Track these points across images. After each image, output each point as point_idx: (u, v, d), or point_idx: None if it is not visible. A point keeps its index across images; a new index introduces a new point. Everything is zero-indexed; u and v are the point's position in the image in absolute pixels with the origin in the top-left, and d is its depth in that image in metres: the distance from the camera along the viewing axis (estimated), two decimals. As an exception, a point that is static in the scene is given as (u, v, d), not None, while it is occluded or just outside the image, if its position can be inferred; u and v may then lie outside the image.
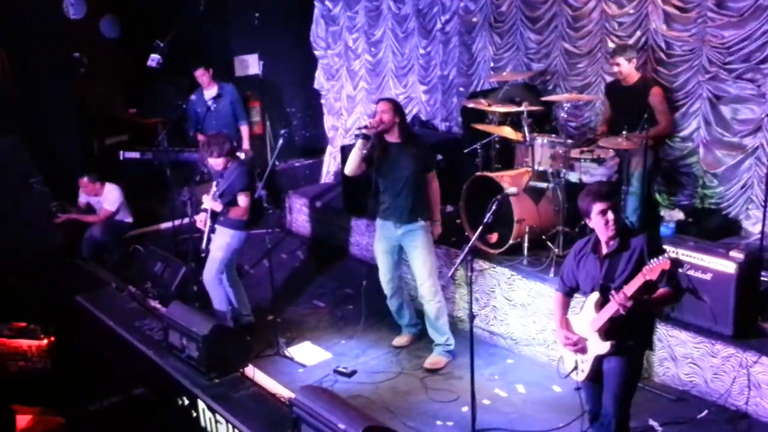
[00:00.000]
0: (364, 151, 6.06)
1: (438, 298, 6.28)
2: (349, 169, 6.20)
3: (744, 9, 6.19)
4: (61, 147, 9.42)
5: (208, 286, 6.68)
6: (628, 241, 4.46)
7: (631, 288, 4.29)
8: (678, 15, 6.66)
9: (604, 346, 4.52)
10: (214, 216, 6.49)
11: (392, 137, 6.14)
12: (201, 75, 8.64)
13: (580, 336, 4.65)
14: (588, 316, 4.59)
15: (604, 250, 4.53)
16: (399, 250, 6.38)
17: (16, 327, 6.88)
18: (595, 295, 4.54)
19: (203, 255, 6.64)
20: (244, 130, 8.76)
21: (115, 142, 10.29)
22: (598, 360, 4.61)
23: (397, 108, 6.15)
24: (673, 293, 4.45)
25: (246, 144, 8.76)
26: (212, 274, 6.61)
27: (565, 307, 4.84)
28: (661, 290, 4.40)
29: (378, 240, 6.44)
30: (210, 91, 8.72)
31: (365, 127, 6.06)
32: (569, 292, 4.81)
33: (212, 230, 6.54)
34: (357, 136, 6.09)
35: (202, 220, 6.51)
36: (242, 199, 6.47)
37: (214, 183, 6.54)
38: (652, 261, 4.22)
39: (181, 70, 9.75)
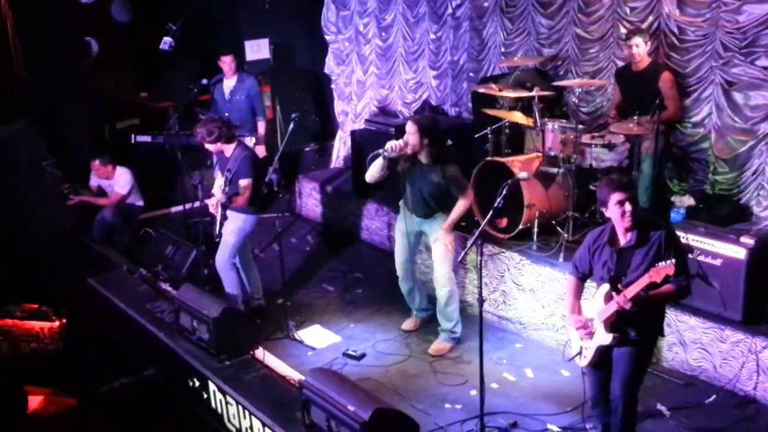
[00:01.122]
0: (386, 166, 6.07)
1: (450, 285, 6.29)
2: (370, 179, 6.24)
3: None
4: (72, 131, 9.46)
5: (220, 270, 6.70)
6: (647, 234, 4.42)
7: (632, 290, 4.30)
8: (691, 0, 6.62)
9: (607, 338, 4.53)
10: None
11: (422, 156, 6.07)
12: (230, 62, 8.52)
13: (588, 321, 4.65)
14: (597, 305, 4.59)
15: (622, 242, 4.51)
16: (418, 236, 6.40)
17: (28, 309, 6.93)
18: (606, 287, 4.53)
19: (217, 240, 6.66)
20: (261, 125, 8.67)
21: (127, 126, 10.33)
22: (601, 349, 4.62)
23: (425, 130, 5.96)
24: (677, 291, 4.43)
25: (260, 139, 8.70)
26: (224, 258, 6.64)
27: (578, 292, 4.83)
28: (665, 287, 4.38)
29: (399, 220, 6.45)
30: (230, 81, 8.63)
31: (387, 150, 5.97)
32: (583, 277, 4.81)
33: (224, 217, 6.55)
34: (379, 154, 6.03)
35: (213, 204, 6.51)
36: (245, 188, 6.44)
37: (221, 173, 6.52)
38: (659, 264, 4.21)
39: (192, 54, 9.76)
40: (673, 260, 4.20)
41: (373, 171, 6.15)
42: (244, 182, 6.42)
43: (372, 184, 6.39)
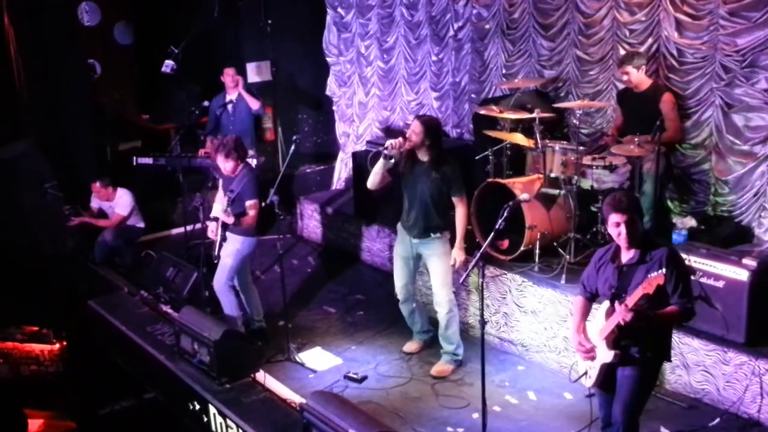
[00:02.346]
0: (386, 169, 6.03)
1: (450, 308, 6.24)
2: (371, 184, 6.17)
3: (757, 16, 6.18)
4: (75, 152, 9.48)
5: (218, 292, 6.69)
6: (649, 253, 4.43)
7: (631, 300, 4.29)
8: (690, 22, 6.64)
9: (609, 355, 4.51)
10: (225, 224, 6.50)
11: (422, 155, 6.05)
12: (233, 74, 8.84)
13: (591, 342, 4.64)
14: (598, 323, 4.59)
15: (624, 260, 4.52)
16: (417, 259, 6.33)
17: (28, 331, 6.93)
18: (606, 304, 4.53)
19: (216, 262, 6.67)
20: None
21: (129, 147, 10.36)
22: (606, 368, 4.59)
23: (429, 130, 5.94)
24: (679, 312, 4.38)
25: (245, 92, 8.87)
26: (222, 280, 6.63)
27: (585, 312, 4.80)
28: (669, 308, 4.36)
29: (397, 244, 6.40)
30: (232, 95, 8.87)
31: (386, 147, 5.92)
32: (590, 297, 4.78)
33: (224, 238, 6.55)
34: (379, 153, 6.00)
35: (213, 230, 6.52)
36: (251, 209, 6.48)
37: (223, 193, 6.55)
38: (650, 275, 4.21)
39: (194, 77, 9.81)
40: (663, 270, 4.19)
41: (375, 172, 6.07)
42: (250, 203, 6.45)
43: (375, 191, 6.33)
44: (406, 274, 6.37)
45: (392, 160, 6.00)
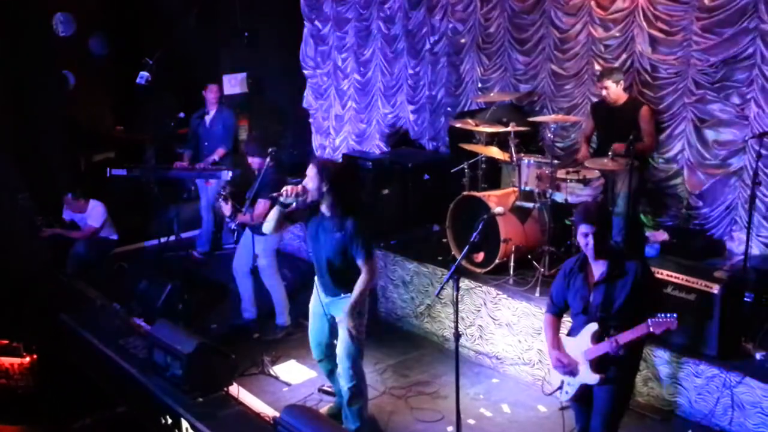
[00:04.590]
0: (283, 216, 5.20)
1: (355, 382, 5.32)
2: (267, 229, 5.31)
3: (728, 33, 6.27)
4: (49, 163, 9.40)
5: (268, 287, 7.09)
6: (622, 265, 4.43)
7: (626, 337, 4.30)
8: (663, 38, 6.73)
9: (593, 378, 4.50)
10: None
11: (323, 207, 5.09)
12: (216, 90, 8.80)
13: (572, 359, 4.62)
14: (583, 344, 4.54)
15: (595, 271, 4.52)
16: (332, 317, 5.41)
17: (-2, 344, 6.84)
18: (594, 326, 4.49)
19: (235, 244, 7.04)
20: (220, 152, 8.62)
21: (103, 158, 10.29)
22: (586, 386, 4.60)
23: (325, 174, 4.97)
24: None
25: (211, 158, 8.66)
26: (268, 274, 7.02)
27: (557, 328, 4.79)
28: (640, 327, 4.34)
29: (312, 298, 5.53)
30: (210, 109, 8.85)
31: (282, 194, 5.06)
32: (559, 312, 4.78)
33: (243, 228, 6.73)
34: (274, 198, 5.20)
35: (227, 206, 6.64)
36: (257, 206, 6.56)
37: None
38: (660, 316, 4.21)
39: (169, 88, 9.77)
40: (675, 315, 4.20)
41: (270, 218, 5.23)
42: (262, 201, 6.52)
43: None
44: (320, 332, 5.50)
45: (288, 208, 5.17)
